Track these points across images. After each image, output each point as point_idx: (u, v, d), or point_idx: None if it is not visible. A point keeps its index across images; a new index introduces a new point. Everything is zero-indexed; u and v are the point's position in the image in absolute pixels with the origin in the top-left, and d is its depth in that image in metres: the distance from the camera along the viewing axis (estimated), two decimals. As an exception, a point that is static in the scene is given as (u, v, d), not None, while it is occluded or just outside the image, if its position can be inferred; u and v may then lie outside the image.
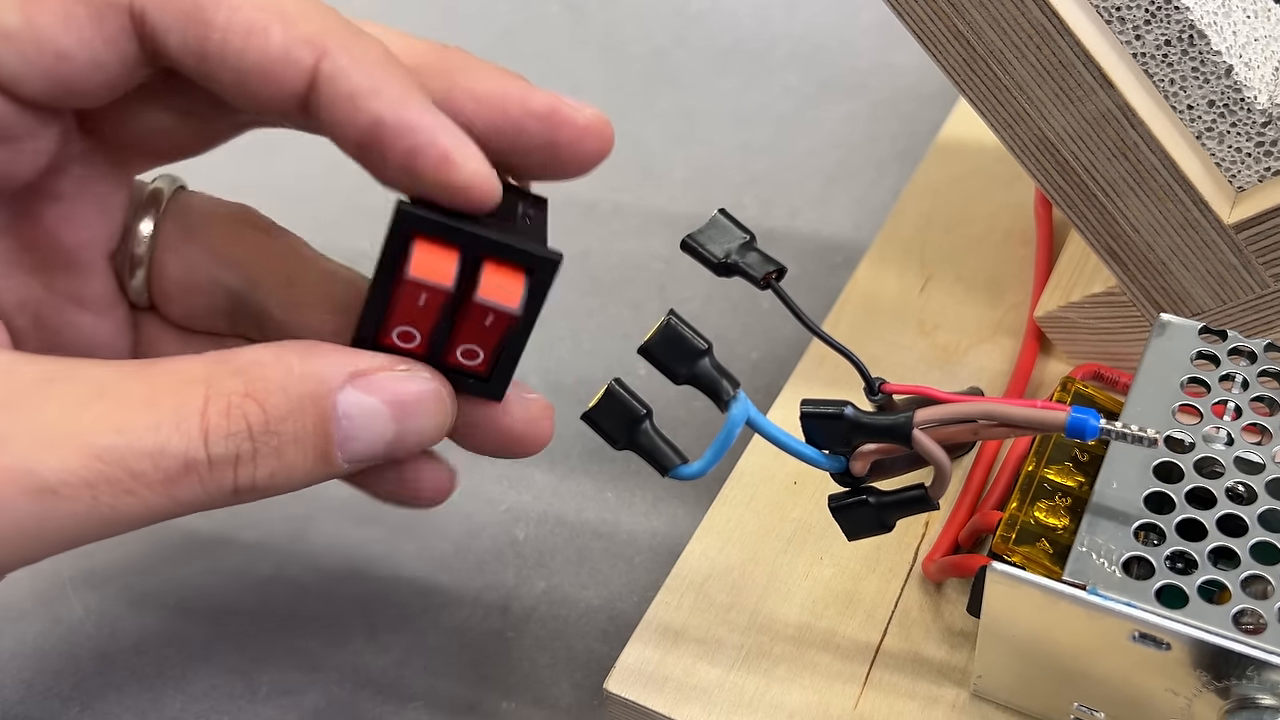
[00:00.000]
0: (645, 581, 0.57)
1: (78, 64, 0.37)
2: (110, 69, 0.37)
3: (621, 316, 0.68)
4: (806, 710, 0.45)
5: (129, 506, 0.34)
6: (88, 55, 0.37)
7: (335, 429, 0.37)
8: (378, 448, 0.38)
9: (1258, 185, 0.47)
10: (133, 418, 0.34)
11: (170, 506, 0.35)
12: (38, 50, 0.36)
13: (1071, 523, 0.42)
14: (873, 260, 0.62)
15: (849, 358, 0.43)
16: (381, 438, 0.38)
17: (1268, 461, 0.41)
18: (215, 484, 0.35)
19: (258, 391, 0.36)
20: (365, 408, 0.38)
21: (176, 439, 0.34)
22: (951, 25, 0.47)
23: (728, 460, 0.48)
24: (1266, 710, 0.37)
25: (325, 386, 0.37)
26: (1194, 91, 0.47)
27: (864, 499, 0.42)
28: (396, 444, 0.39)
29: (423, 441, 0.39)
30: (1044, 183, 0.50)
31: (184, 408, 0.35)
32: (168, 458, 0.34)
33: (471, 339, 0.40)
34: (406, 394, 0.38)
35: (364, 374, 0.38)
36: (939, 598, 0.49)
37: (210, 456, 0.35)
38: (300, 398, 0.36)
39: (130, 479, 0.34)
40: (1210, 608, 0.37)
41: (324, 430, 0.37)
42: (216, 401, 0.35)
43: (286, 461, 0.37)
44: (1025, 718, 0.45)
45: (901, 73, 0.81)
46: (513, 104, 0.41)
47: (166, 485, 0.34)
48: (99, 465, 0.33)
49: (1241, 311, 0.49)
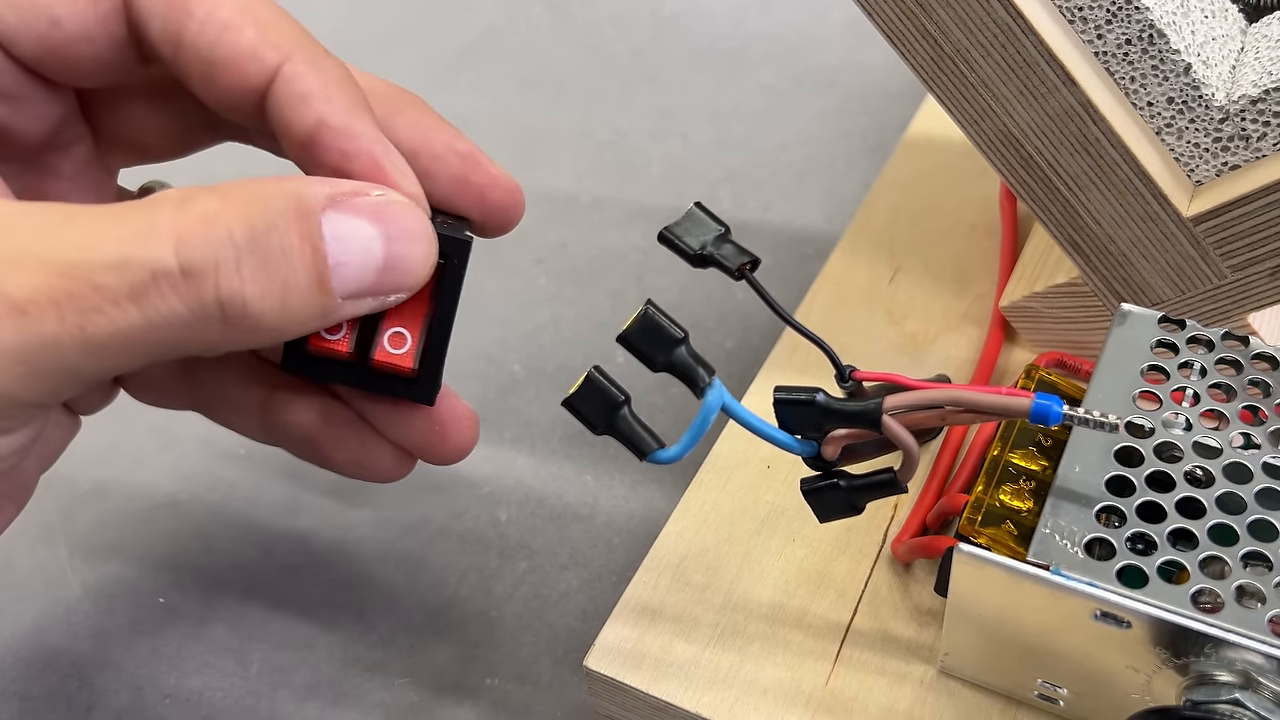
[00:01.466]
0: (624, 562, 0.57)
1: (68, 32, 0.39)
2: (98, 43, 0.39)
3: (601, 306, 0.68)
4: (779, 686, 0.45)
5: (98, 326, 0.32)
6: (78, 27, 0.39)
7: (327, 249, 0.35)
8: (369, 276, 0.37)
9: (1215, 179, 0.47)
10: (97, 234, 0.33)
11: (144, 326, 0.33)
12: (34, 14, 0.38)
13: (1035, 505, 0.42)
14: (843, 252, 0.62)
15: (820, 346, 0.42)
16: (373, 263, 0.37)
17: (1225, 446, 0.40)
18: (195, 298, 0.33)
19: (235, 201, 0.34)
20: (352, 228, 0.36)
21: (141, 250, 0.32)
22: (919, 24, 0.47)
23: (703, 445, 0.48)
24: (1223, 686, 0.37)
25: (308, 204, 0.35)
26: (1154, 89, 0.47)
27: (835, 482, 0.42)
28: (387, 271, 0.37)
29: (410, 270, 0.38)
30: (1008, 177, 0.50)
31: (153, 220, 0.33)
32: (132, 269, 0.32)
33: (397, 318, 0.40)
34: (392, 213, 0.37)
35: (343, 196, 0.36)
36: (907, 578, 0.48)
37: (182, 265, 0.33)
38: (283, 211, 0.35)
39: (94, 294, 0.32)
40: (1169, 587, 0.37)
41: (315, 246, 0.35)
42: (187, 211, 0.33)
43: (278, 277, 0.34)
44: (991, 694, 0.45)
45: (871, 70, 0.81)
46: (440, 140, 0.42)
47: (134, 299, 0.32)
48: (62, 282, 0.32)
49: (1200, 301, 0.49)
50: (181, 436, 0.62)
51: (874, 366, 0.46)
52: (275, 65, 0.38)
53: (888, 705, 0.45)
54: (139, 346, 0.33)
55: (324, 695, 0.53)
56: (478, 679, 0.53)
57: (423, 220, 0.38)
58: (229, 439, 0.63)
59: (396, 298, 0.38)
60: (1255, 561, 0.38)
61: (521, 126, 0.78)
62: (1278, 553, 0.38)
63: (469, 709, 0.52)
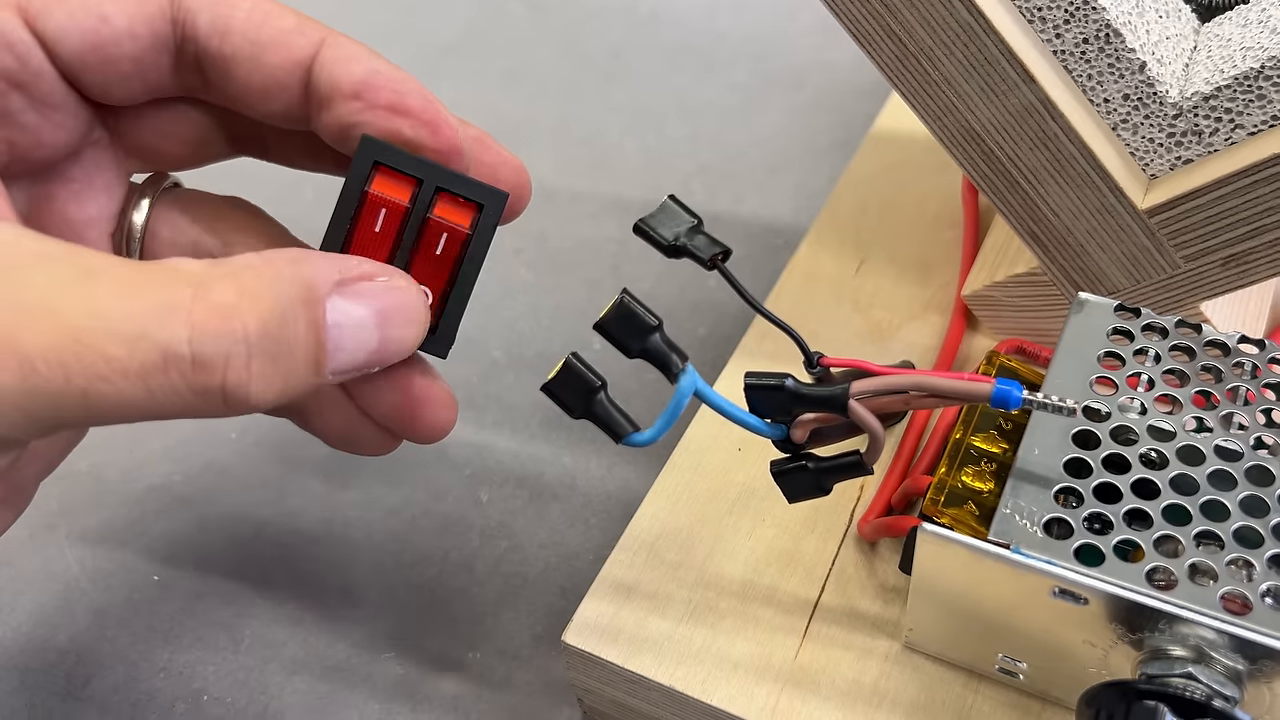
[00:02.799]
0: (600, 541, 0.57)
1: (115, 28, 0.39)
2: (141, 41, 0.39)
3: (578, 295, 0.68)
4: (750, 661, 0.45)
5: (101, 394, 0.32)
6: (125, 24, 0.39)
7: (327, 337, 0.35)
8: (360, 357, 0.37)
9: (1169, 173, 0.47)
10: (114, 303, 0.32)
11: (147, 402, 0.32)
12: (84, 9, 0.38)
13: (996, 486, 0.42)
14: (811, 243, 0.62)
15: (789, 333, 0.42)
16: (366, 347, 0.37)
17: (1178, 430, 0.40)
18: (201, 385, 0.33)
19: (250, 295, 0.34)
20: (353, 317, 0.36)
21: (156, 329, 0.32)
22: (885, 24, 0.47)
23: (677, 428, 0.48)
24: (1177, 660, 0.37)
25: (316, 294, 0.35)
26: (1110, 86, 0.47)
27: (803, 464, 0.42)
28: (378, 353, 0.37)
29: (400, 351, 0.38)
30: (970, 171, 0.49)
31: (170, 300, 0.33)
32: (144, 348, 0.32)
33: (424, 272, 0.41)
34: (390, 302, 0.38)
35: (349, 282, 0.36)
36: (873, 556, 0.48)
37: (195, 355, 0.32)
38: (293, 303, 0.34)
39: (104, 364, 0.31)
40: (1125, 565, 0.37)
41: (319, 337, 0.35)
42: (205, 301, 0.33)
43: (282, 368, 0.34)
44: (954, 668, 0.45)
45: (838, 69, 0.81)
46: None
47: (142, 376, 0.32)
48: (75, 347, 0.31)
49: (1154, 290, 0.49)
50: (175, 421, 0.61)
51: (841, 353, 0.46)
52: (319, 39, 0.40)
53: (854, 679, 0.45)
54: (134, 413, 0.33)
55: (312, 669, 0.53)
56: (460, 653, 0.53)
57: (420, 305, 0.39)
58: (221, 424, 0.63)
59: (379, 369, 0.39)
60: (1208, 541, 0.38)
61: (502, 121, 0.78)
62: (1229, 532, 0.38)
63: (452, 682, 0.52)
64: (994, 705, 0.44)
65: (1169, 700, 0.36)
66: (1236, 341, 0.43)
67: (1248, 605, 0.36)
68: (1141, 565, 0.37)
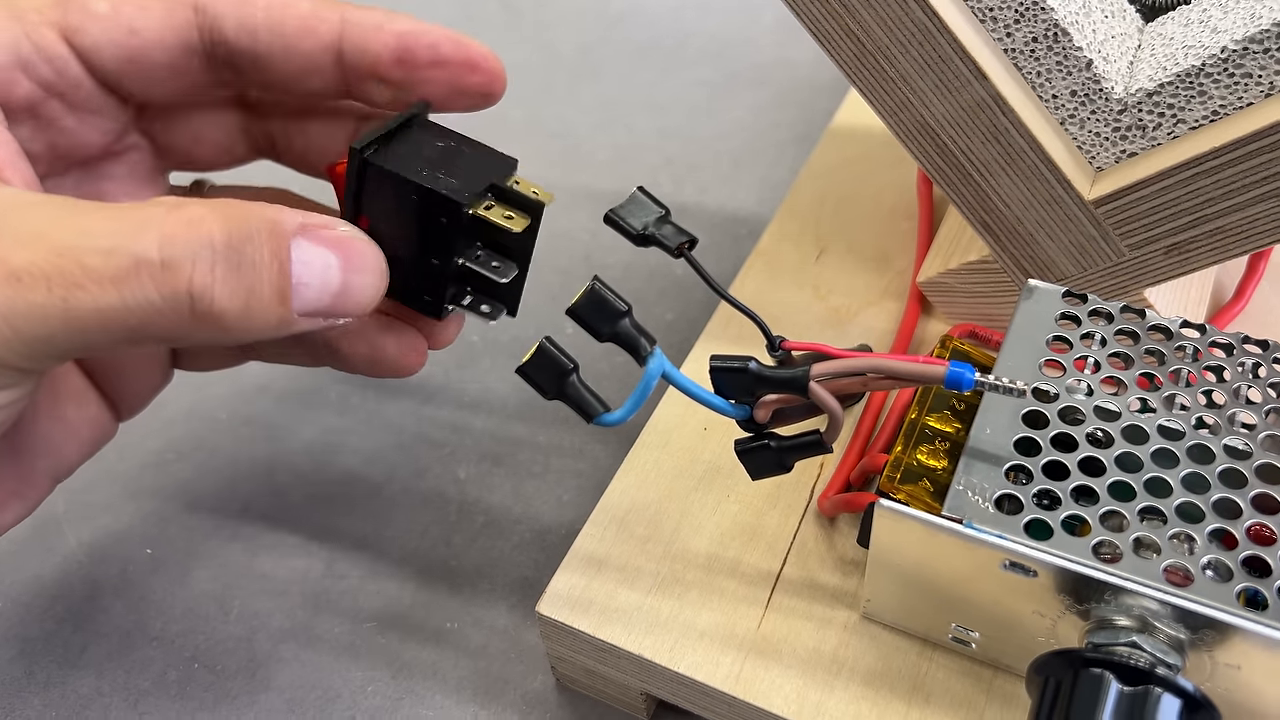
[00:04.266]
0: (573, 516, 0.57)
1: (145, 40, 0.41)
2: (172, 50, 0.42)
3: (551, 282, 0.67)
4: (715, 630, 0.45)
5: (80, 301, 0.33)
6: (155, 35, 0.41)
7: (292, 270, 0.36)
8: (324, 299, 0.38)
9: (1115, 165, 0.47)
10: (96, 224, 0.34)
11: (120, 308, 0.34)
12: (116, 24, 0.41)
13: (950, 464, 0.42)
14: (774, 232, 0.61)
15: (753, 318, 0.42)
16: (329, 288, 0.38)
17: (1123, 410, 0.40)
18: (169, 288, 0.34)
19: (219, 212, 0.35)
20: (317, 255, 0.37)
21: (130, 241, 0.34)
22: (843, 24, 0.46)
23: (646, 409, 0.48)
24: (1122, 630, 0.37)
25: (281, 228, 0.36)
26: (1058, 82, 0.47)
27: (766, 443, 0.42)
28: (340, 297, 0.38)
29: (361, 301, 0.39)
30: (925, 164, 0.49)
31: (146, 217, 0.34)
32: (118, 255, 0.33)
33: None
34: (352, 248, 0.38)
35: (313, 228, 0.37)
36: (832, 531, 0.48)
37: (163, 258, 0.34)
38: (259, 228, 0.36)
39: (82, 273, 0.33)
40: (1072, 539, 0.37)
41: (282, 266, 0.36)
42: (176, 214, 0.34)
43: (245, 283, 0.35)
44: (909, 637, 0.45)
45: (799, 67, 0.81)
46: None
47: (116, 283, 0.33)
48: (56, 259, 0.33)
49: (1100, 277, 0.49)
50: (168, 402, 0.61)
51: (801, 337, 0.46)
52: (339, 17, 0.42)
53: (814, 647, 0.44)
54: (114, 326, 0.34)
55: (298, 638, 0.53)
56: (439, 623, 0.53)
57: (377, 256, 0.39)
58: (211, 406, 0.63)
59: (345, 321, 0.39)
60: (1151, 516, 0.38)
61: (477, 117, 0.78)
62: (1171, 508, 0.38)
63: (431, 650, 0.52)
64: (947, 673, 0.44)
65: (1114, 668, 0.36)
66: (1179, 326, 0.43)
67: (1189, 577, 0.36)
68: (1088, 539, 0.37)
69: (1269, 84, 0.43)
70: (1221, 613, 0.35)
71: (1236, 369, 0.42)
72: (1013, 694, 0.43)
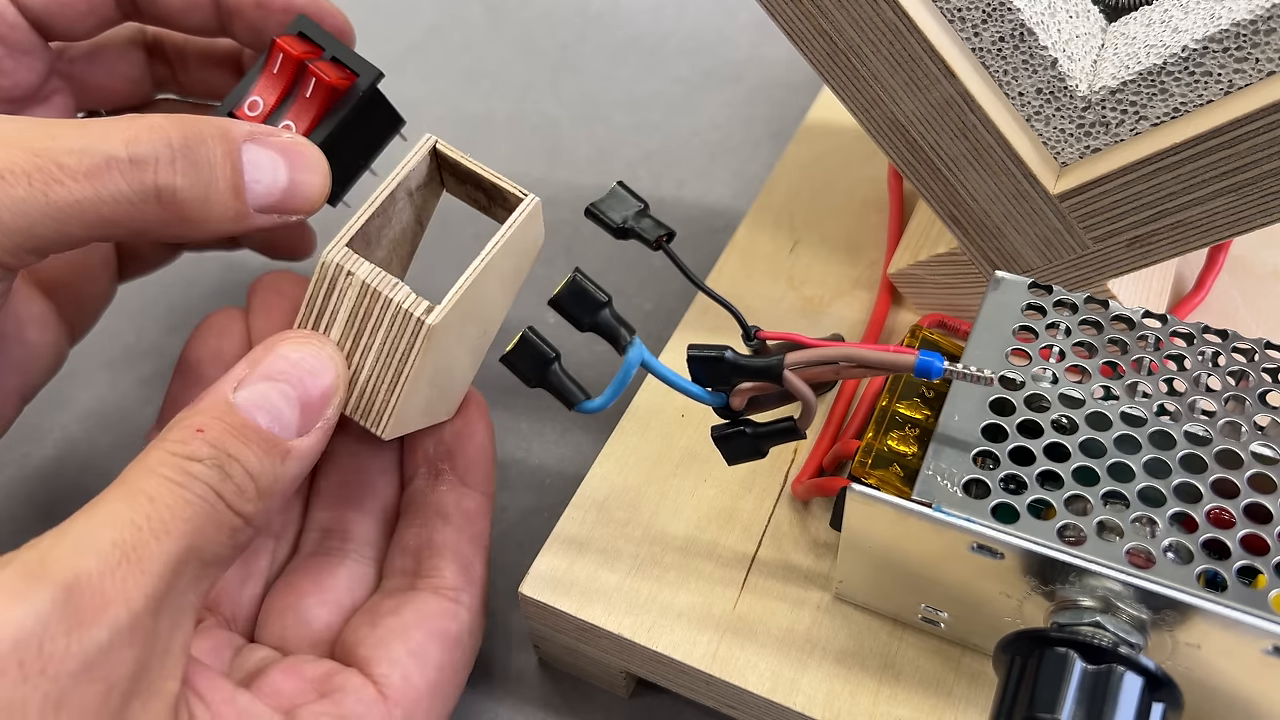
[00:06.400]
0: (554, 500, 0.57)
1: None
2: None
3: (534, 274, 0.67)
4: (692, 610, 0.45)
5: (58, 194, 0.36)
6: None
7: (243, 170, 0.40)
8: (275, 195, 0.41)
9: (1079, 161, 0.47)
10: (65, 131, 0.37)
11: (94, 199, 0.37)
12: None
13: (920, 450, 0.42)
14: (749, 225, 0.61)
15: (729, 309, 0.42)
16: (278, 185, 0.41)
17: (1087, 398, 0.41)
18: (138, 181, 0.37)
19: (177, 120, 0.39)
20: (265, 156, 0.41)
21: (100, 143, 0.37)
22: (816, 24, 0.46)
23: (625, 397, 0.48)
24: (1086, 610, 0.37)
25: (231, 134, 0.40)
26: (1024, 81, 0.47)
27: (741, 429, 0.42)
28: (289, 194, 0.42)
29: (309, 196, 0.43)
30: (896, 159, 0.49)
31: (108, 125, 0.38)
32: (90, 155, 0.37)
33: (299, 111, 0.46)
34: (294, 147, 0.42)
35: (260, 135, 0.41)
36: (806, 514, 0.48)
37: (130, 155, 0.37)
38: (211, 133, 0.40)
39: (59, 170, 0.36)
40: (1038, 523, 0.37)
41: (234, 164, 0.40)
42: (137, 122, 0.38)
43: (203, 178, 0.39)
44: (880, 617, 0.45)
45: (774, 64, 0.81)
46: None
47: (89, 177, 0.37)
48: (34, 159, 0.36)
49: (1065, 269, 0.49)
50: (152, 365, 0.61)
51: (776, 327, 0.46)
52: None
53: (788, 627, 0.45)
54: (89, 217, 0.37)
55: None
56: (424, 605, 0.53)
57: (320, 159, 0.43)
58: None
59: (297, 217, 0.43)
60: (1114, 500, 0.38)
61: (462, 114, 0.77)
62: (1134, 492, 0.38)
63: (416, 632, 0.52)
64: (917, 651, 0.44)
65: (1078, 647, 0.36)
66: (1141, 316, 0.43)
67: (1151, 559, 0.36)
68: (1053, 523, 0.37)
69: (1228, 82, 0.43)
70: (1182, 594, 0.35)
71: (1197, 358, 0.42)
72: (980, 672, 0.43)
